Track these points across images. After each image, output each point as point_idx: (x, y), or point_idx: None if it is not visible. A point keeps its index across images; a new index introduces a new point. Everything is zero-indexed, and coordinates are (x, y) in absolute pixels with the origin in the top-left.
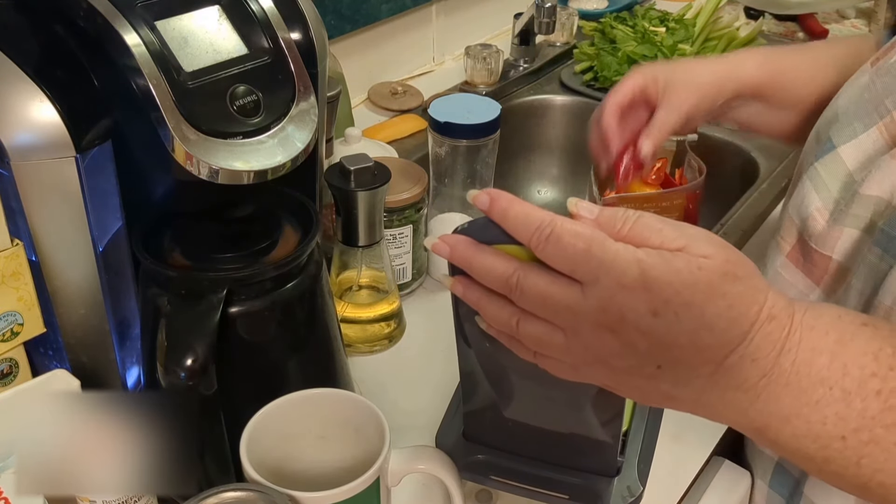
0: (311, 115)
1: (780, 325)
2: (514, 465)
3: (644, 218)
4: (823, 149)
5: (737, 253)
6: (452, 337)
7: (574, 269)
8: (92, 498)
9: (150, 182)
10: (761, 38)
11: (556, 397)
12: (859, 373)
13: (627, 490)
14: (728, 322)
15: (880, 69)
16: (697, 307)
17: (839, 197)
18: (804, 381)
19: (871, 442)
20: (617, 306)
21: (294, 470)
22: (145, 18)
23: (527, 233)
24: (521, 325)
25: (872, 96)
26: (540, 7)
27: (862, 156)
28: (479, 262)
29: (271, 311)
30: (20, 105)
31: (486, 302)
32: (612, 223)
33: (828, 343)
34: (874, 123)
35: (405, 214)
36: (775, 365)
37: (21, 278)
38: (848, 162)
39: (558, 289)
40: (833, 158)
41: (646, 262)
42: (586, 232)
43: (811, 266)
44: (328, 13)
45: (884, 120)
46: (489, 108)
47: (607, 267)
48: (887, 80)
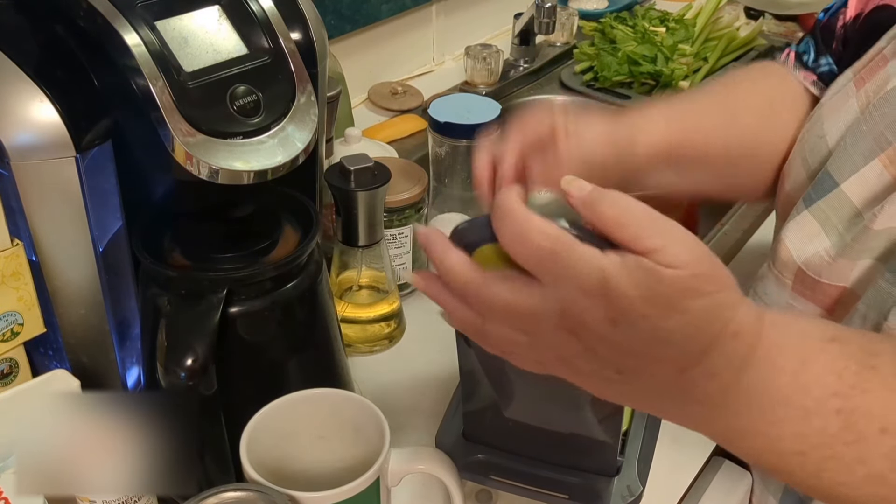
0: (311, 115)
1: (742, 342)
2: (514, 464)
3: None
4: (824, 185)
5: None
6: (452, 337)
7: (538, 270)
8: (92, 498)
9: (150, 182)
10: (761, 37)
11: (555, 397)
12: (820, 392)
13: (627, 490)
14: (685, 337)
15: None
16: (654, 320)
17: (846, 234)
18: (764, 399)
19: (831, 458)
20: (577, 310)
21: (294, 470)
22: (145, 18)
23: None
24: (486, 327)
25: (871, 127)
26: (540, 7)
27: (867, 192)
28: (447, 263)
29: (271, 311)
30: (20, 105)
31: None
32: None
33: (791, 363)
34: (875, 155)
35: (405, 214)
36: (736, 381)
37: (21, 278)
38: (853, 198)
39: (519, 297)
40: (837, 196)
41: (608, 271)
42: (553, 232)
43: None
44: (328, 13)
45: (886, 152)
46: (489, 108)
47: (570, 271)
48: (886, 109)
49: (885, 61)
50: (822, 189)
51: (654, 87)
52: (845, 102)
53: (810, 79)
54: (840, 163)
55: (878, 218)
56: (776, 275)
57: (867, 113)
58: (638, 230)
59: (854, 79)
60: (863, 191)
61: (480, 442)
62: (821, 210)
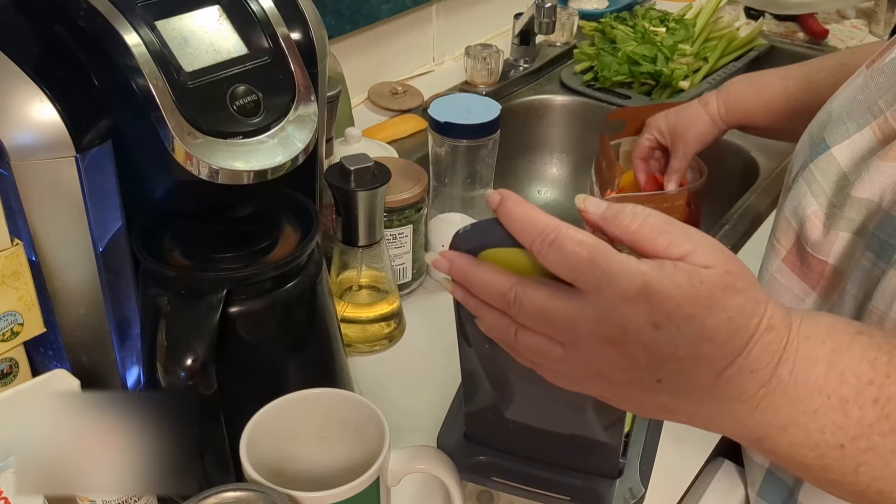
0: (310, 114)
1: (778, 335)
2: (516, 466)
3: (651, 217)
4: (817, 150)
5: (738, 263)
6: (452, 337)
7: (576, 278)
8: (92, 498)
9: (150, 182)
10: (761, 37)
11: (557, 398)
12: (856, 381)
13: (629, 492)
14: (728, 334)
15: (875, 70)
16: (699, 320)
17: (834, 199)
18: (802, 391)
19: (868, 450)
20: (618, 318)
21: (294, 470)
22: (145, 18)
23: (530, 236)
24: (519, 336)
25: (866, 97)
26: (540, 7)
27: (856, 156)
28: (477, 278)
29: (271, 311)
30: (20, 105)
31: (484, 311)
32: (620, 219)
33: (824, 352)
34: (867, 123)
35: (405, 214)
36: (773, 375)
37: (21, 278)
38: (842, 162)
39: (557, 303)
40: (827, 159)
41: (649, 275)
42: (590, 240)
43: (807, 270)
44: (328, 13)
45: (877, 120)
46: (489, 108)
47: (610, 278)
48: (881, 80)
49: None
50: (815, 153)
51: (654, 87)
52: (855, 80)
53: None
54: (834, 129)
55: (856, 185)
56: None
57: (865, 83)
58: (669, 237)
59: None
60: (851, 154)
61: (482, 443)
62: (810, 172)
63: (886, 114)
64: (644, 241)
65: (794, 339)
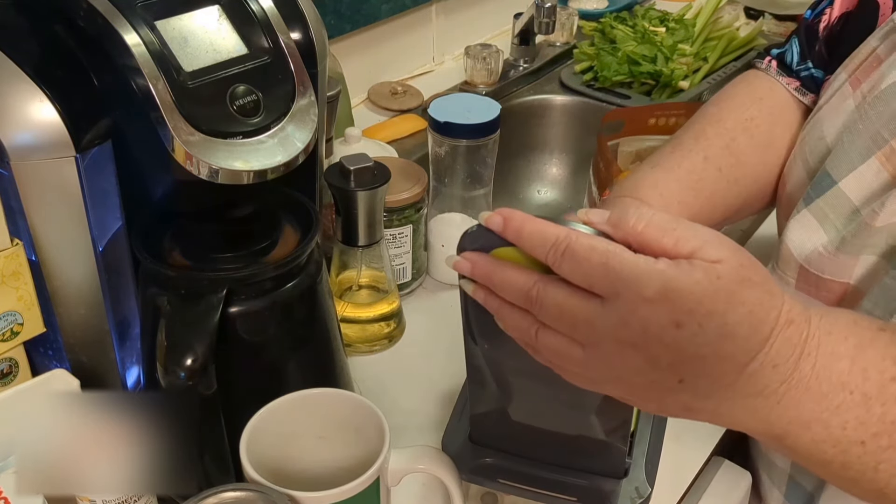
0: (310, 114)
1: (798, 329)
2: (522, 467)
3: (657, 217)
4: (823, 184)
5: (748, 256)
6: (453, 337)
7: (592, 284)
8: (92, 498)
9: (150, 182)
10: (761, 37)
11: (563, 399)
12: (879, 377)
13: (636, 491)
14: (749, 329)
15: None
16: (720, 316)
17: (845, 231)
18: (825, 386)
19: (889, 447)
20: (639, 320)
21: (294, 470)
22: (145, 18)
23: (543, 250)
24: (540, 336)
25: (867, 126)
26: (540, 7)
27: (865, 189)
28: (500, 277)
29: (271, 311)
30: (20, 105)
31: (506, 311)
32: (625, 222)
33: (847, 347)
34: (872, 153)
35: (405, 214)
36: (795, 370)
37: (21, 278)
38: (851, 196)
39: (577, 302)
40: (836, 194)
41: (667, 274)
42: (602, 245)
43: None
44: (328, 13)
45: (882, 150)
46: (489, 108)
47: (627, 281)
48: (880, 108)
49: (878, 61)
50: (820, 188)
51: (653, 87)
52: (843, 103)
53: (794, 85)
54: (838, 161)
55: (880, 215)
56: (780, 275)
57: (863, 112)
58: (676, 235)
59: (850, 80)
60: (861, 188)
61: (487, 445)
62: (819, 208)
63: (892, 143)
64: (651, 242)
65: (815, 333)
